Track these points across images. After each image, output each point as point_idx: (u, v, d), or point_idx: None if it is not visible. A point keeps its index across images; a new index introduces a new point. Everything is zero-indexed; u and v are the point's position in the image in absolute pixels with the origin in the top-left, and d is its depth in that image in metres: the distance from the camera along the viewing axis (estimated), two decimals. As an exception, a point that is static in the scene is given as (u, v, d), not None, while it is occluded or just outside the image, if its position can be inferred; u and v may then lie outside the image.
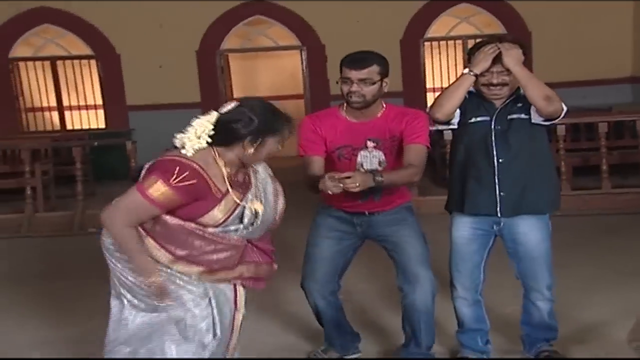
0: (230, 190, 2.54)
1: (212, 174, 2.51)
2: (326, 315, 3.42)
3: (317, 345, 3.62)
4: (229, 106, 2.56)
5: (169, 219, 2.50)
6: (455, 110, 3.19)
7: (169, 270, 2.53)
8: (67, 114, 10.77)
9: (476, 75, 3.12)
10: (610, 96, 9.70)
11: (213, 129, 2.50)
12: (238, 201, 2.56)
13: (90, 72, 10.57)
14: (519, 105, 3.18)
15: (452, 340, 3.52)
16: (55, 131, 10.52)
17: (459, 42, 10.49)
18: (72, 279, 5.05)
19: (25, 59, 10.47)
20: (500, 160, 3.17)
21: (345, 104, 3.22)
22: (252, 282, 2.71)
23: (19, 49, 10.42)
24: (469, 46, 3.60)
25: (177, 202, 2.46)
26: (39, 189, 7.15)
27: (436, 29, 10.48)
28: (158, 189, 2.43)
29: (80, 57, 10.48)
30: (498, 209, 3.19)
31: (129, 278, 2.55)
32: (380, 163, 3.17)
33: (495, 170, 3.18)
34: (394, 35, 10.27)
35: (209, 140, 2.51)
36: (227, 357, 2.73)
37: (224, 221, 2.54)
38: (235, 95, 11.34)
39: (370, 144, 3.18)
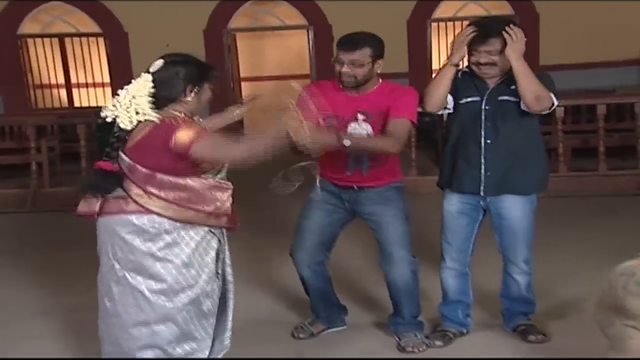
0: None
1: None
2: (312, 286, 3.54)
3: (306, 317, 3.74)
4: (157, 65, 2.73)
5: (191, 182, 2.71)
6: (444, 100, 3.29)
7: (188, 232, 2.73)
8: (74, 91, 10.87)
9: (456, 65, 3.21)
10: (617, 78, 9.63)
11: (153, 87, 2.68)
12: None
13: (98, 50, 10.64)
14: (512, 87, 3.23)
15: (437, 312, 3.62)
16: (63, 108, 10.63)
17: (466, 22, 10.40)
18: (73, 251, 5.16)
19: (34, 36, 10.55)
20: (488, 141, 3.27)
21: None
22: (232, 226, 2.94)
23: (27, 26, 10.50)
24: None
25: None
26: (44, 165, 7.26)
27: (444, 9, 10.44)
28: (188, 131, 2.63)
29: (88, 35, 10.56)
30: (482, 188, 3.31)
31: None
32: (368, 136, 3.25)
33: (482, 150, 3.27)
34: (401, 16, 10.25)
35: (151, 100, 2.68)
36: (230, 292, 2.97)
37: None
38: (242, 75, 11.42)
39: (360, 116, 3.26)
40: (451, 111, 3.35)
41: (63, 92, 10.92)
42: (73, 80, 10.79)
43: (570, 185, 6.53)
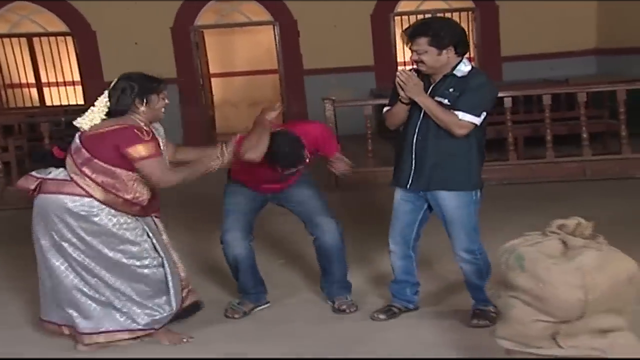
0: (154, 138, 3.30)
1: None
2: (244, 264, 3.81)
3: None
4: (114, 82, 3.35)
5: (119, 171, 3.25)
6: (402, 123, 3.54)
7: (115, 220, 3.31)
8: (45, 90, 10.99)
9: (407, 103, 3.43)
10: (576, 68, 9.91)
11: (109, 101, 3.30)
12: (159, 147, 3.33)
13: (67, 49, 10.75)
14: (450, 90, 3.38)
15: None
16: (34, 107, 10.74)
17: (428, 16, 10.63)
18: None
19: (2, 36, 10.64)
20: (419, 138, 3.44)
21: None
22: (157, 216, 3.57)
23: (-5, 26, 10.62)
24: None
25: (156, 148, 3.26)
26: (13, 164, 7.40)
27: (406, 3, 10.63)
28: (147, 147, 3.20)
29: (56, 34, 10.66)
30: (410, 182, 3.50)
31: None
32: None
33: (412, 147, 3.46)
34: (365, 10, 10.42)
35: (105, 111, 3.31)
36: (179, 270, 3.55)
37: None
38: (212, 71, 11.56)
39: None
40: None
41: (34, 91, 11.02)
42: (43, 79, 10.90)
43: (520, 172, 6.77)
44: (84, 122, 3.30)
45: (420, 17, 10.55)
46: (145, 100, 3.28)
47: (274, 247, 5.03)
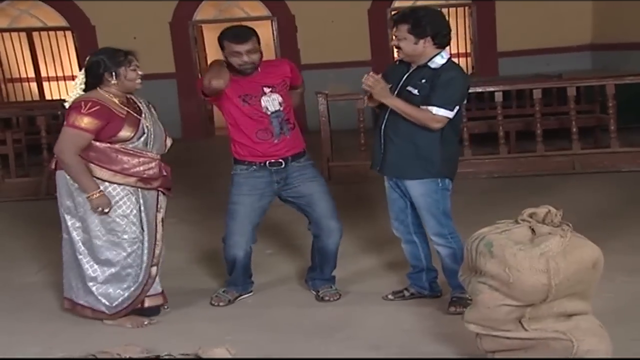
0: (128, 111, 3.50)
1: (109, 103, 3.47)
2: (241, 264, 3.86)
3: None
4: (86, 60, 3.58)
5: (98, 144, 3.44)
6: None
7: (106, 185, 3.47)
8: (45, 84, 11.10)
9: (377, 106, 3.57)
10: (571, 63, 9.96)
11: (85, 78, 3.53)
12: (137, 117, 3.52)
13: (67, 44, 10.86)
14: (422, 80, 3.43)
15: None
16: (34, 101, 10.84)
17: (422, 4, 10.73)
18: (28, 238, 5.44)
19: (2, 30, 10.75)
20: (386, 128, 3.53)
21: None
22: (167, 191, 3.70)
23: (-6, 20, 10.73)
24: None
25: (97, 124, 3.40)
26: (11, 157, 7.50)
27: (403, -2, 10.71)
28: (80, 119, 3.39)
29: (56, 29, 10.77)
30: (378, 168, 3.61)
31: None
32: (280, 104, 3.70)
33: (381, 135, 3.56)
34: (362, 6, 10.48)
35: (83, 87, 3.53)
36: (156, 248, 3.65)
37: (134, 136, 3.49)
38: (210, 66, 11.59)
39: (267, 89, 3.68)
40: None
41: (34, 85, 11.13)
42: (43, 73, 11.00)
43: (510, 166, 6.84)
44: (68, 100, 3.57)
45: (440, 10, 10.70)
46: (114, 74, 3.46)
47: (264, 236, 5.08)
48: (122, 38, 10.46)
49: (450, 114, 3.40)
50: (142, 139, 3.53)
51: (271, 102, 3.69)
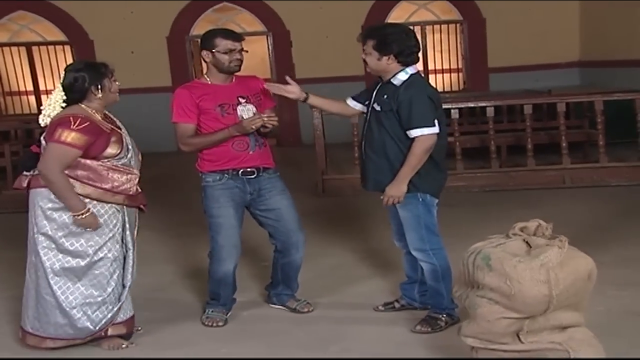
0: (112, 127, 3.41)
1: (94, 119, 3.34)
2: (230, 279, 3.83)
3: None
4: (63, 75, 3.40)
5: (89, 162, 3.30)
6: (343, 111, 3.81)
7: (94, 204, 3.33)
8: (44, 97, 11.16)
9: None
10: (560, 80, 10.16)
11: (65, 94, 3.35)
12: (120, 132, 3.42)
13: (65, 58, 10.92)
14: (384, 97, 3.50)
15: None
16: (32, 114, 10.90)
17: (417, 27, 10.89)
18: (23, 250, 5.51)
19: (2, 45, 10.86)
20: (364, 144, 3.63)
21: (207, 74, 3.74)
22: (144, 207, 3.59)
23: (-5, 35, 10.83)
24: (427, 33, 3.94)
25: (86, 141, 3.26)
26: (8, 169, 7.59)
27: (396, 14, 10.86)
28: (68, 135, 3.22)
29: (55, 43, 10.88)
30: (364, 184, 3.70)
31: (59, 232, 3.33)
32: (254, 114, 3.68)
33: (362, 152, 3.67)
34: (356, 21, 10.54)
35: (63, 105, 3.35)
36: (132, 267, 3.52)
37: (120, 152, 3.39)
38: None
39: (242, 99, 3.71)
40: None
41: (32, 99, 11.22)
42: (42, 87, 11.09)
43: (501, 180, 6.98)
44: (42, 118, 3.38)
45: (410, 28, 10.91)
46: (100, 86, 3.34)
47: (259, 247, 5.05)
48: (120, 52, 10.69)
49: (433, 130, 3.43)
50: (129, 154, 3.45)
51: (246, 111, 3.68)
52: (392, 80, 3.50)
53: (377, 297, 4.09)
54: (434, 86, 3.80)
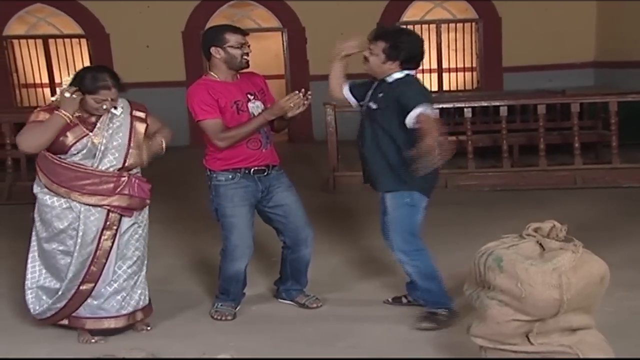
0: (78, 123, 3.46)
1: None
2: (241, 277, 3.85)
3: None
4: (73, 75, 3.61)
5: (47, 154, 3.43)
6: (340, 92, 3.82)
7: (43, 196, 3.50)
8: (58, 90, 11.25)
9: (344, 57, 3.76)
10: (574, 80, 10.10)
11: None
12: (85, 131, 3.46)
13: (81, 51, 11.03)
14: (379, 95, 3.54)
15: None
16: (47, 106, 11.02)
17: (433, 26, 10.90)
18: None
19: (19, 37, 10.96)
20: (363, 141, 3.66)
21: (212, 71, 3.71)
22: (121, 210, 3.50)
23: (13, 27, 10.90)
24: (442, 31, 3.94)
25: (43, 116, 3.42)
26: (22, 161, 7.63)
27: (412, 12, 10.86)
28: (36, 115, 3.47)
29: (71, 36, 10.97)
30: (364, 181, 3.75)
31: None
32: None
33: (361, 149, 3.68)
34: (372, 18, 10.54)
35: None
36: (93, 266, 3.52)
37: (73, 145, 3.43)
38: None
39: (250, 96, 3.71)
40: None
41: (47, 92, 11.31)
42: (57, 79, 11.18)
43: (513, 179, 6.97)
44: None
45: (425, 26, 10.96)
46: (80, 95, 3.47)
47: (269, 243, 5.13)
48: (135, 46, 10.79)
49: (435, 111, 3.46)
50: (83, 153, 3.47)
51: (256, 108, 3.68)
52: (386, 78, 3.55)
53: (386, 294, 4.13)
54: (444, 86, 3.79)
